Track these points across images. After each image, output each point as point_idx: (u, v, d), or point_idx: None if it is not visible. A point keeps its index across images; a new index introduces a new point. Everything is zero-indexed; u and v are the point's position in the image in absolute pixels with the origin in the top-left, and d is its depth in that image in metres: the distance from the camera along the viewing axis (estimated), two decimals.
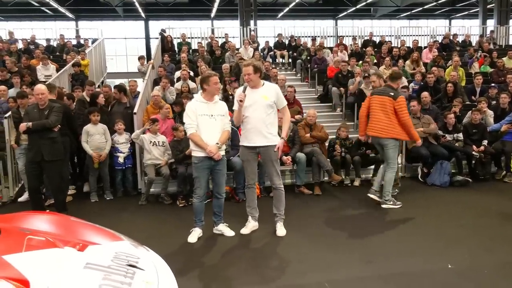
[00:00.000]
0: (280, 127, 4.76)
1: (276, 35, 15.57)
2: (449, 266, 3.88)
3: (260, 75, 4.52)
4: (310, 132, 6.87)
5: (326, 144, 7.08)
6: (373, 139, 5.84)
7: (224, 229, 4.78)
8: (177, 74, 10.18)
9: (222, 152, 4.54)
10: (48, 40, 15.10)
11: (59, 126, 5.34)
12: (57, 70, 10.56)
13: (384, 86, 5.90)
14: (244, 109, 4.52)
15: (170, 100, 8.51)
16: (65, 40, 14.39)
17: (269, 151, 4.55)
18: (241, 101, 4.43)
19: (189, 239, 4.53)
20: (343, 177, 7.06)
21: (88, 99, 6.87)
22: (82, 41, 14.84)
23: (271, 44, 14.81)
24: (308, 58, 12.47)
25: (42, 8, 23.08)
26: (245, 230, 4.80)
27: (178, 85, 9.15)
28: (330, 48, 12.93)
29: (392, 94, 5.61)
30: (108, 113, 6.88)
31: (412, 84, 9.34)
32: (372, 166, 7.22)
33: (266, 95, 4.50)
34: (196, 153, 4.46)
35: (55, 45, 14.91)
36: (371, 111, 5.77)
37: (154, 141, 6.35)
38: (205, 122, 4.40)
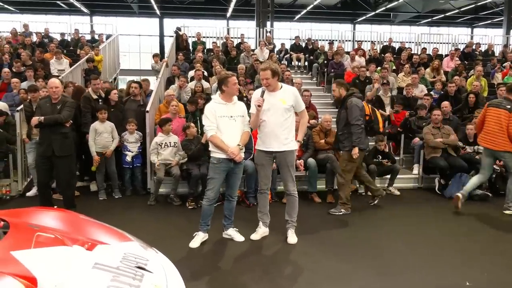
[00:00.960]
0: (296, 130, 4.74)
1: (293, 38, 15.55)
2: (467, 284, 3.80)
3: (278, 78, 4.52)
4: (325, 138, 6.83)
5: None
6: (485, 149, 5.94)
7: (234, 234, 4.75)
8: (191, 73, 10.21)
9: (242, 155, 4.53)
10: (62, 34, 15.28)
11: (71, 121, 5.38)
12: (71, 65, 10.68)
13: (502, 98, 6.01)
14: (262, 112, 4.51)
15: (185, 99, 8.53)
16: (80, 35, 14.55)
17: (286, 156, 4.54)
18: (259, 106, 4.41)
19: (191, 244, 4.50)
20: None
21: (94, 96, 6.74)
22: (96, 37, 14.99)
23: (287, 46, 14.79)
24: (325, 62, 12.43)
25: (57, 2, 23.38)
26: (255, 236, 4.77)
27: (191, 84, 9.18)
28: (348, 53, 12.86)
29: (509, 107, 5.71)
30: (122, 110, 6.90)
31: (432, 93, 9.24)
32: (388, 176, 7.14)
33: (284, 99, 4.49)
34: (216, 154, 4.45)
35: (69, 40, 15.08)
36: (486, 122, 5.91)
37: (166, 142, 6.36)
38: (225, 123, 4.40)
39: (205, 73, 10.35)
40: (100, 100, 6.78)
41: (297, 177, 6.65)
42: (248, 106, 4.65)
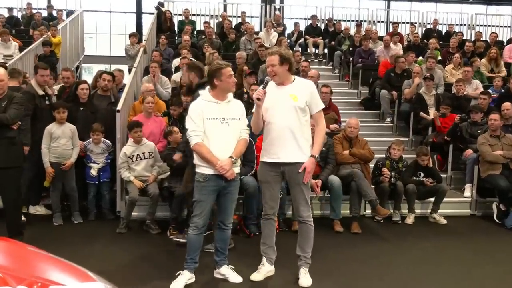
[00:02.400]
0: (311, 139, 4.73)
1: (309, 17, 15.64)
2: None
3: (290, 68, 4.51)
4: (349, 149, 6.82)
5: (371, 165, 7.01)
6: None
7: (228, 273, 4.72)
8: (176, 62, 10.27)
9: (237, 169, 4.50)
10: (10, 9, 15.40)
11: (19, 122, 5.37)
12: (21, 49, 10.74)
13: None
14: (266, 112, 4.49)
15: (165, 95, 8.54)
16: (33, 11, 14.66)
17: (298, 170, 4.50)
18: (258, 99, 4.41)
19: (173, 286, 4.48)
20: (392, 211, 6.98)
21: (39, 91, 6.49)
22: (54, 13, 15.10)
23: (301, 28, 14.87)
24: (351, 49, 12.47)
25: None
26: (257, 276, 4.74)
27: (175, 76, 9.22)
28: (380, 38, 12.90)
29: None
30: (95, 110, 6.91)
31: (489, 91, 9.24)
32: (432, 199, 7.13)
33: (295, 94, 4.47)
34: (202, 169, 4.42)
35: (19, 17, 15.19)
36: None
37: (138, 154, 6.35)
38: (215, 128, 4.37)
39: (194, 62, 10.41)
40: (47, 98, 6.65)
41: (312, 198, 6.73)
42: (249, 106, 4.65)
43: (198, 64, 5.82)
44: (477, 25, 17.33)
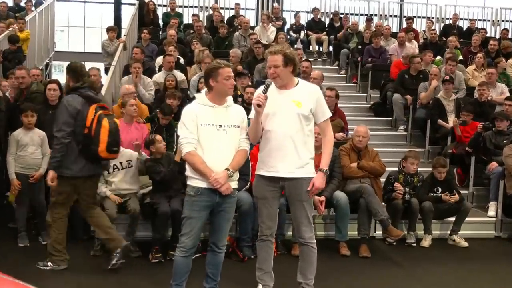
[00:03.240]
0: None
1: (311, 10, 15.72)
2: None
3: (294, 70, 4.53)
4: (357, 161, 6.84)
5: (382, 180, 7.02)
6: None
7: None
8: (159, 60, 10.28)
9: (234, 184, 4.50)
10: None
11: None
12: None
13: None
14: (265, 119, 4.50)
15: (148, 98, 8.55)
16: None
17: (300, 186, 4.52)
18: (259, 105, 4.41)
19: None
20: (405, 232, 6.98)
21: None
22: (22, 3, 15.08)
23: (302, 21, 14.93)
24: (359, 47, 12.53)
25: None
26: None
27: (159, 76, 9.24)
28: (393, 34, 12.96)
29: None
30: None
31: None
32: (451, 219, 7.14)
33: (299, 100, 4.49)
34: (194, 181, 4.41)
35: None
36: None
37: (115, 164, 6.33)
38: (211, 136, 4.37)
39: (181, 60, 10.40)
40: (17, 102, 6.66)
41: (315, 217, 6.73)
42: (247, 111, 4.65)
43: (75, 66, 5.70)
44: (503, 21, 17.43)
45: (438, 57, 11.74)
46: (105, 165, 5.85)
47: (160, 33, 13.48)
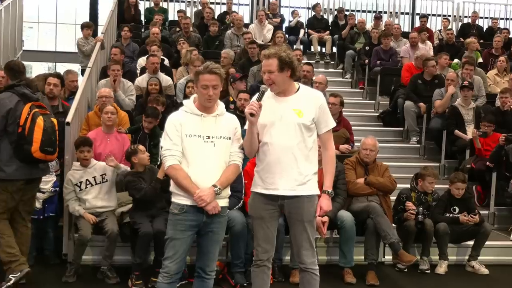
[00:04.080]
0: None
1: (312, 6, 15.77)
2: None
3: (292, 74, 4.53)
4: (365, 176, 6.87)
5: (392, 198, 7.06)
6: None
7: None
8: (141, 61, 10.32)
9: (224, 202, 4.51)
10: None
11: None
12: None
13: None
14: (263, 130, 4.51)
15: (128, 104, 8.57)
16: None
17: (301, 205, 4.52)
18: (252, 114, 4.41)
19: None
20: (418, 257, 7.00)
21: None
22: None
23: (303, 19, 15.00)
24: (367, 48, 12.60)
25: None
26: None
27: (141, 80, 9.26)
28: (405, 34, 13.01)
29: None
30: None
31: None
32: (470, 242, 7.17)
33: (300, 109, 4.49)
34: (178, 198, 4.43)
35: None
36: None
37: (88, 179, 6.36)
38: (196, 147, 4.39)
39: (166, 61, 10.42)
40: None
41: (317, 240, 6.71)
42: (240, 119, 4.66)
43: (14, 63, 5.90)
44: None
45: (456, 60, 11.77)
46: (43, 169, 5.88)
47: (142, 31, 13.50)
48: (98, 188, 6.39)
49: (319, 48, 14.18)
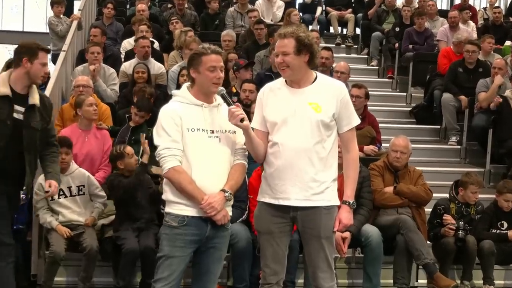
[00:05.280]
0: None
1: None
2: None
3: (311, 61, 4.51)
4: (394, 184, 6.88)
5: (427, 210, 7.05)
6: None
7: None
8: (126, 43, 10.37)
9: (229, 210, 4.49)
10: None
11: None
12: None
13: None
14: (272, 128, 4.50)
15: (110, 96, 8.59)
16: None
17: (318, 218, 4.50)
18: (242, 120, 4.34)
19: None
20: (458, 281, 6.99)
21: None
22: None
23: None
24: (397, 29, 12.57)
25: None
26: None
27: (129, 66, 9.24)
28: (444, 13, 12.97)
29: None
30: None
31: None
32: None
33: (317, 103, 4.48)
34: (177, 208, 4.38)
35: None
36: None
37: (62, 188, 6.34)
38: (200, 144, 4.36)
39: (155, 44, 10.42)
40: None
41: (337, 259, 6.71)
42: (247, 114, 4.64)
43: None
44: None
45: (508, 42, 11.69)
46: None
47: (128, 7, 13.51)
48: (72, 201, 6.42)
49: (339, 29, 14.16)
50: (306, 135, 4.45)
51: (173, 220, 4.39)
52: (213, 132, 4.40)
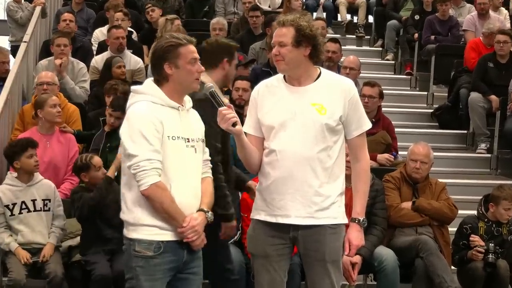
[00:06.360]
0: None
1: None
2: None
3: (313, 54, 4.53)
4: (413, 199, 6.90)
5: (451, 229, 7.08)
6: None
7: None
8: (98, 33, 10.40)
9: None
10: None
11: None
12: None
13: None
14: (269, 132, 4.52)
15: (80, 94, 8.60)
16: None
17: (322, 238, 4.52)
18: (235, 124, 4.36)
19: None
20: None
21: None
22: None
23: None
24: (416, 17, 12.60)
25: None
26: None
27: (100, 60, 9.31)
28: None
29: None
30: None
31: None
32: None
33: (321, 104, 4.50)
34: (151, 232, 4.35)
35: None
36: None
37: (24, 201, 6.38)
38: (180, 155, 4.36)
39: (134, 35, 10.44)
40: None
41: (345, 286, 6.74)
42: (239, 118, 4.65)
43: None
44: None
45: None
46: None
47: None
48: (36, 217, 6.42)
49: (348, 16, 14.19)
50: (309, 141, 4.46)
51: (147, 248, 4.33)
52: (189, 140, 4.39)
